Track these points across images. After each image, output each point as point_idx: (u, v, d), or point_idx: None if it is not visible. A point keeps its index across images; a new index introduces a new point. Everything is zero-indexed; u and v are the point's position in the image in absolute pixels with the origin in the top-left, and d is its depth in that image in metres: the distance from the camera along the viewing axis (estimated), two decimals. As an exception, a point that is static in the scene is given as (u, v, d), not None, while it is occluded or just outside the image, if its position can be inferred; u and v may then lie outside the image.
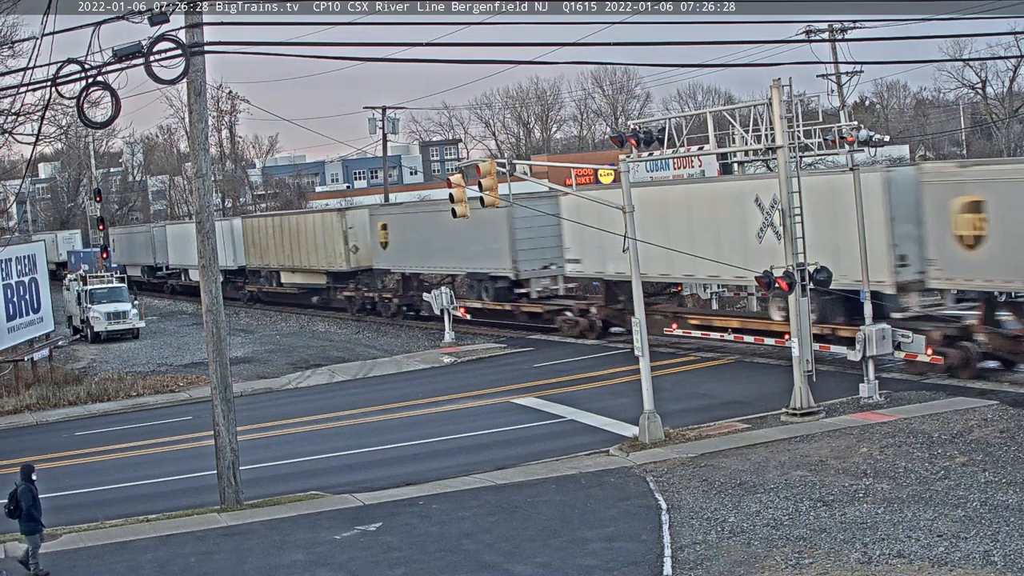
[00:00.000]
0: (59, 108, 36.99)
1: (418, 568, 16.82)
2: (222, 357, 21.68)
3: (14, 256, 41.04)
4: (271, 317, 57.13)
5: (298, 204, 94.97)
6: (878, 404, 25.28)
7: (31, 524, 17.75)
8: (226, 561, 17.85)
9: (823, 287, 25.55)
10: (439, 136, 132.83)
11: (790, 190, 24.87)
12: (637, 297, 24.69)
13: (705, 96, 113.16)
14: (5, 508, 18.12)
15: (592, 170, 61.08)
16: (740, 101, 75.66)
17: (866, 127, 29.97)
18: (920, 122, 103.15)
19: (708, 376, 31.58)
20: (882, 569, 15.17)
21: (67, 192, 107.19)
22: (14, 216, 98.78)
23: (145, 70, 17.83)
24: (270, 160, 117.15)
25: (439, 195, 56.78)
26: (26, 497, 17.71)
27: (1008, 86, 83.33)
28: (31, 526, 17.75)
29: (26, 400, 35.50)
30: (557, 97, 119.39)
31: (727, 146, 27.39)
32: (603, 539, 17.43)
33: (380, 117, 65.85)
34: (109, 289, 52.33)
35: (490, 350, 39.94)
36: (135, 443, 28.83)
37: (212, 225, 21.81)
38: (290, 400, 34.07)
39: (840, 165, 36.71)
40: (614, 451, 23.45)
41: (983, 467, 19.60)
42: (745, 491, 19.42)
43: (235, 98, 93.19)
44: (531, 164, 30.84)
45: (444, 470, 23.16)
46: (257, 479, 22.94)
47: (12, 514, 17.90)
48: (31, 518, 17.72)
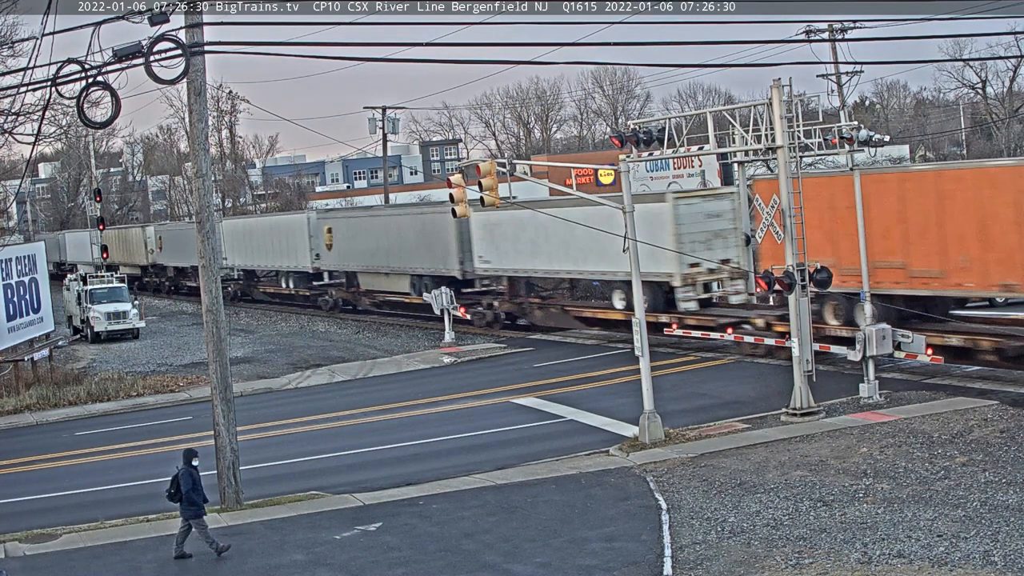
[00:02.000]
0: (59, 108, 36.96)
1: (418, 568, 16.82)
2: (222, 357, 21.68)
3: (14, 256, 41.02)
4: (271, 317, 57.10)
5: (298, 204, 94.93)
6: (878, 404, 25.29)
7: (191, 508, 17.92)
8: (226, 561, 17.86)
9: (823, 287, 25.59)
10: (439, 136, 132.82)
11: (790, 190, 24.91)
12: (637, 297, 24.68)
13: (705, 96, 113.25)
14: (167, 491, 18.27)
15: (592, 170, 61.12)
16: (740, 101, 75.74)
17: (866, 127, 29.94)
18: (920, 122, 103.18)
19: (708, 376, 31.58)
20: (882, 569, 15.17)
21: (67, 192, 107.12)
22: (14, 216, 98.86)
23: (145, 70, 17.82)
24: (270, 160, 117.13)
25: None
26: (186, 481, 17.85)
27: (1008, 86, 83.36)
28: (191, 510, 17.93)
29: (26, 400, 35.48)
30: (557, 97, 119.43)
31: (727, 146, 27.40)
32: (603, 539, 17.43)
33: (380, 117, 65.85)
34: (109, 289, 52.31)
35: (490, 350, 39.94)
36: (135, 443, 28.82)
37: (212, 225, 21.81)
38: (290, 400, 34.07)
39: (840, 165, 36.76)
40: (614, 451, 23.45)
41: (983, 467, 19.61)
42: (745, 491, 19.42)
43: (235, 98, 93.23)
44: (531, 164, 30.85)
45: (444, 470, 23.16)
46: (257, 479, 22.94)
47: (173, 497, 18.15)
48: (191, 502, 17.88)
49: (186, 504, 17.93)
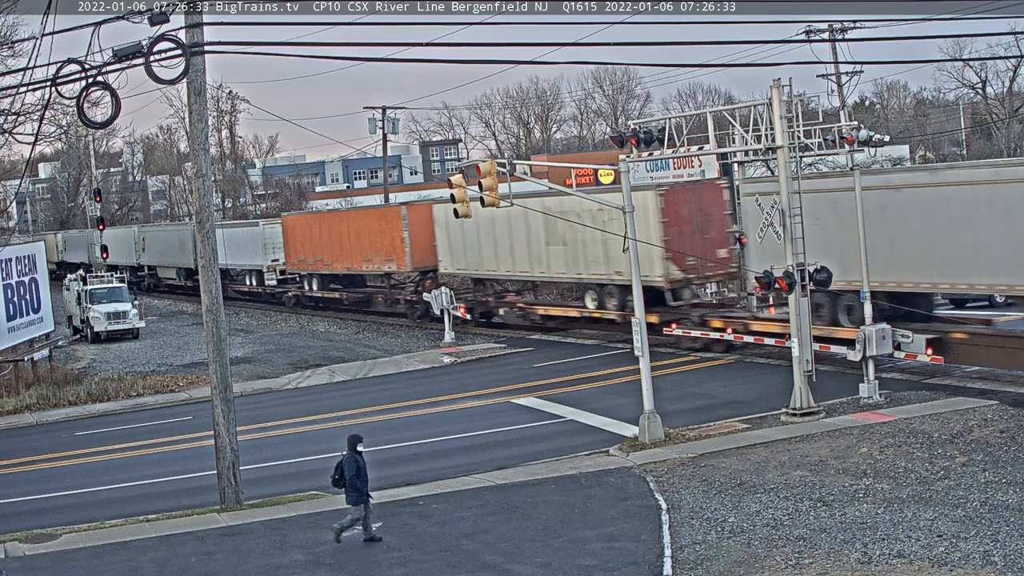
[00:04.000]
0: (59, 108, 37.01)
1: (418, 568, 16.82)
2: (222, 357, 21.67)
3: (14, 256, 41.03)
4: (271, 317, 57.11)
5: (298, 204, 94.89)
6: (878, 404, 25.28)
7: (354, 494, 17.97)
8: (226, 561, 17.85)
9: (823, 287, 25.58)
10: (439, 136, 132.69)
11: (790, 190, 24.90)
12: (637, 297, 24.69)
13: (705, 96, 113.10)
14: (331, 477, 18.31)
15: (592, 170, 61.08)
16: (740, 101, 75.70)
17: (866, 127, 29.96)
18: (920, 122, 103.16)
19: (708, 376, 31.58)
20: (882, 569, 15.17)
21: (67, 192, 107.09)
22: (14, 216, 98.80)
23: (145, 70, 17.83)
24: (270, 160, 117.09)
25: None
26: (350, 466, 17.86)
27: (1008, 86, 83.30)
28: (354, 496, 17.98)
29: (26, 400, 35.48)
30: (557, 97, 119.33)
31: (727, 146, 27.40)
32: (603, 539, 17.43)
33: (380, 117, 65.83)
34: (109, 289, 52.31)
35: (490, 350, 39.95)
36: (135, 443, 28.83)
37: (212, 225, 21.80)
38: (290, 400, 34.07)
39: (840, 165, 36.76)
40: (614, 451, 23.45)
41: (983, 467, 19.60)
42: (745, 491, 19.42)
43: (235, 98, 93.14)
44: (531, 164, 30.85)
45: (444, 470, 23.16)
46: (257, 479, 22.94)
47: (337, 483, 18.20)
48: (354, 488, 17.91)
49: (349, 489, 17.97)
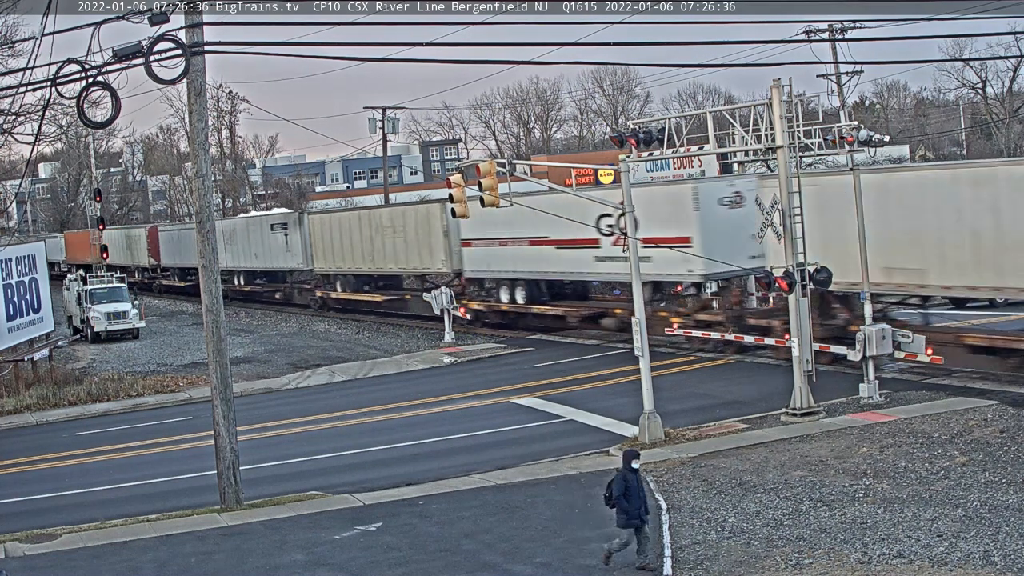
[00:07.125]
0: (59, 108, 36.97)
1: (418, 568, 16.81)
2: (222, 357, 21.67)
3: (14, 256, 41.05)
4: (271, 317, 57.13)
5: (298, 204, 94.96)
6: (878, 404, 25.28)
7: (621, 516, 16.00)
8: (226, 561, 17.84)
9: (823, 286, 25.57)
10: (439, 136, 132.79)
11: (790, 190, 24.90)
12: (637, 296, 24.68)
13: (705, 96, 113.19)
14: (604, 495, 16.51)
15: (592, 170, 61.04)
16: (740, 101, 75.74)
17: (866, 127, 29.95)
18: (920, 122, 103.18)
19: (708, 376, 31.57)
20: (882, 569, 15.17)
21: (67, 192, 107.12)
22: (14, 216, 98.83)
23: (145, 70, 17.83)
24: (270, 160, 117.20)
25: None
26: (618, 485, 16.01)
27: (1008, 86, 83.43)
28: (621, 518, 16.01)
29: (26, 400, 35.49)
30: (557, 97, 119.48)
31: (727, 146, 27.40)
32: (603, 539, 17.38)
33: (380, 117, 65.86)
34: (109, 289, 52.32)
35: (490, 350, 39.94)
36: (135, 443, 28.83)
37: (212, 225, 21.79)
38: (290, 400, 34.07)
39: (840, 165, 36.76)
40: (614, 451, 23.43)
41: (983, 467, 19.60)
42: (745, 491, 19.42)
43: (235, 98, 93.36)
44: (531, 164, 30.84)
45: (444, 470, 23.16)
46: (257, 479, 22.93)
47: (607, 502, 16.34)
48: (622, 509, 15.96)
49: (618, 511, 16.02)
